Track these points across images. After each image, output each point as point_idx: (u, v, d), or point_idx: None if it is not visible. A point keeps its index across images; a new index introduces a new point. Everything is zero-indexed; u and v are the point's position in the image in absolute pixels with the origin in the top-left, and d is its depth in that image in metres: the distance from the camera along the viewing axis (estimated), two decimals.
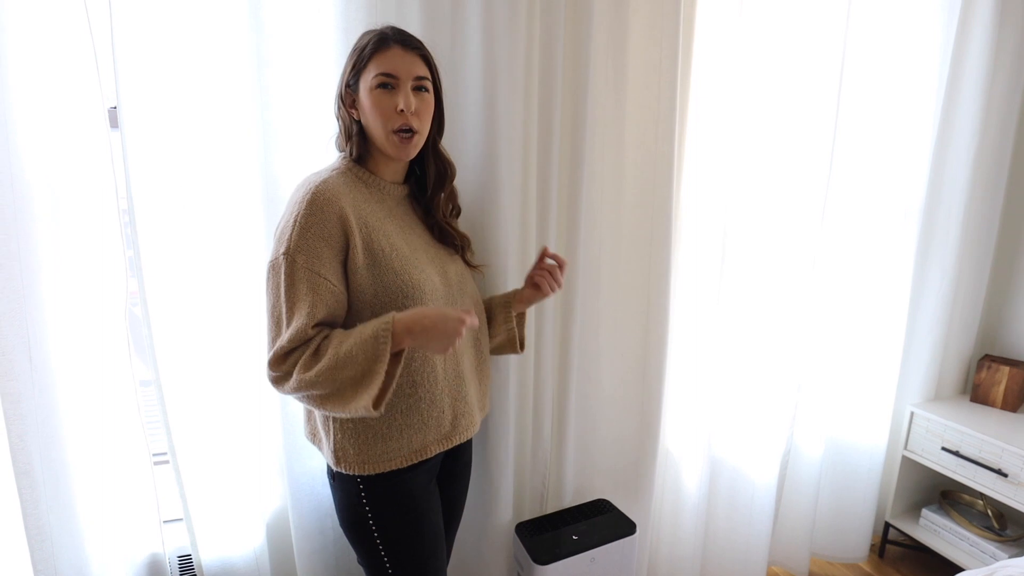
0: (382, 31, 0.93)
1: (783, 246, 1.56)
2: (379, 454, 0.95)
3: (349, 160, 0.97)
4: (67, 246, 1.03)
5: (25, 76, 0.95)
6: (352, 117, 0.96)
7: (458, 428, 1.03)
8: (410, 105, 0.91)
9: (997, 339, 1.94)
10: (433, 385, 0.98)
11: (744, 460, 1.67)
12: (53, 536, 1.08)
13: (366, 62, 0.92)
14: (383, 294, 0.92)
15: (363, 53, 0.92)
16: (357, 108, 0.95)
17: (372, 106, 0.91)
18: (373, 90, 0.91)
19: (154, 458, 1.17)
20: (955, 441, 1.71)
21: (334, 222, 0.88)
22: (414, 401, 0.96)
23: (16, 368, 1.00)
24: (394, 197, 1.01)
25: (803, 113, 1.49)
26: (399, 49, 0.91)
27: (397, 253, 0.94)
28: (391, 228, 0.96)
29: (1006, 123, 1.76)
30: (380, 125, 0.92)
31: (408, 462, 0.97)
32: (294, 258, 0.86)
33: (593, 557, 1.34)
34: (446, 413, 1.00)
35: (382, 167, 0.99)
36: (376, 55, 0.91)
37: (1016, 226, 1.88)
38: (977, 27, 1.62)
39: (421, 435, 0.97)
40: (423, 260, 0.98)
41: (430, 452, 0.99)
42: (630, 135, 1.35)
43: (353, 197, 0.92)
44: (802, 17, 1.44)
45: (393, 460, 0.96)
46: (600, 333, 1.43)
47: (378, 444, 0.95)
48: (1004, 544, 1.70)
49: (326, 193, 0.88)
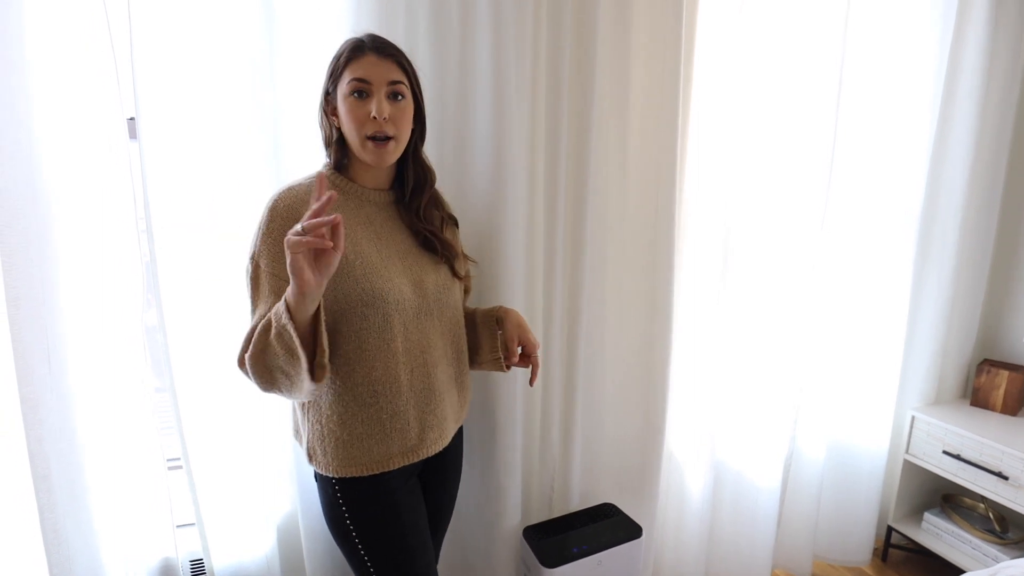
0: (358, 38, 0.94)
1: (784, 252, 1.58)
2: (343, 458, 0.96)
3: (328, 167, 0.99)
4: (85, 253, 1.06)
5: (47, 88, 0.98)
6: (332, 125, 0.97)
7: (425, 441, 1.01)
8: (383, 111, 0.91)
9: (996, 344, 1.97)
10: (396, 396, 0.96)
11: (747, 464, 1.69)
12: (69, 540, 1.09)
13: (342, 70, 0.93)
14: (342, 300, 0.92)
15: (339, 61, 0.93)
16: (336, 116, 0.96)
17: (346, 112, 0.93)
18: (347, 97, 0.92)
19: (167, 463, 1.19)
20: (956, 445, 1.73)
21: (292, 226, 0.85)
22: (375, 411, 0.96)
23: (35, 373, 1.02)
24: (374, 204, 1.01)
25: (803, 121, 1.52)
26: (373, 56, 0.92)
27: (362, 261, 0.94)
28: (361, 235, 0.96)
29: (1002, 130, 1.79)
30: (354, 131, 0.93)
31: (370, 471, 0.96)
32: (258, 262, 0.91)
33: (600, 560, 1.35)
34: (411, 425, 0.99)
35: (363, 174, 1.00)
36: (351, 63, 0.92)
37: (1013, 231, 1.90)
38: (972, 34, 1.65)
39: (383, 446, 0.97)
40: (395, 270, 0.97)
41: (393, 464, 0.98)
42: (634, 143, 1.38)
43: None
44: (801, 29, 1.48)
45: (355, 467, 0.96)
46: (605, 339, 1.45)
47: (341, 449, 0.96)
48: (1006, 547, 1.71)
49: (287, 200, 0.92)
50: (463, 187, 1.25)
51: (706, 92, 1.46)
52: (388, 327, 0.95)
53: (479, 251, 1.25)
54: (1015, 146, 1.85)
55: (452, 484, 1.19)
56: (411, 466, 1.04)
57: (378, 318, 0.94)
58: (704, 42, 1.43)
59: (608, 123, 1.33)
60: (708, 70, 1.45)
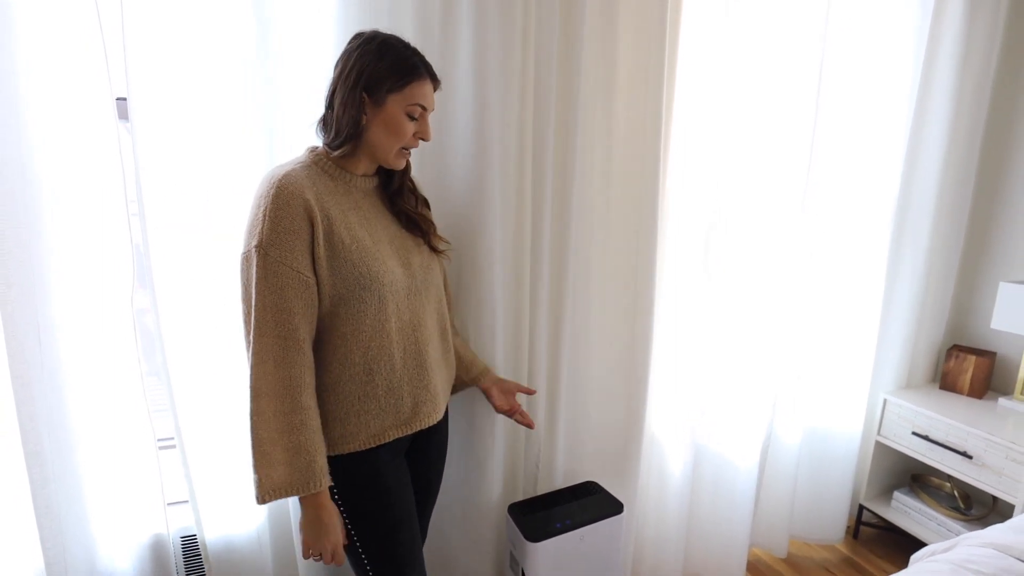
0: (415, 57, 0.97)
1: (764, 242, 1.63)
2: (337, 436, 0.99)
3: (319, 154, 0.99)
4: (75, 234, 1.07)
5: (35, 66, 0.98)
6: (357, 120, 0.96)
7: (419, 415, 1.06)
8: (428, 136, 1.01)
9: (965, 330, 2.04)
10: (390, 372, 1.00)
11: (727, 446, 1.74)
12: (61, 515, 1.11)
13: (402, 86, 0.95)
14: (340, 285, 0.95)
15: (404, 76, 0.95)
16: (367, 113, 0.96)
17: (397, 127, 0.97)
18: (403, 114, 0.96)
19: (159, 443, 1.21)
20: (925, 426, 1.80)
21: (300, 213, 0.90)
22: (371, 388, 0.99)
23: (26, 352, 1.03)
24: (361, 189, 1.03)
25: (784, 113, 1.57)
26: (430, 85, 0.99)
27: (358, 245, 0.96)
28: (354, 220, 0.98)
29: (974, 125, 1.85)
30: (394, 143, 0.98)
31: (366, 445, 1.00)
32: (267, 251, 0.89)
33: (582, 535, 1.40)
34: (405, 400, 1.03)
35: (357, 164, 1.02)
36: (412, 83, 0.96)
37: (983, 224, 1.98)
38: (948, 27, 1.71)
39: (379, 420, 1.01)
40: (386, 252, 1.01)
41: (388, 437, 1.02)
42: (618, 132, 1.41)
43: (316, 189, 0.94)
44: (784, 23, 1.51)
45: (350, 443, 1.00)
46: (589, 323, 1.48)
47: (336, 426, 0.99)
48: (969, 523, 1.80)
49: (290, 186, 0.91)
50: (443, 174, 1.27)
51: (690, 83, 1.49)
52: (383, 308, 0.98)
53: (462, 236, 1.27)
54: (987, 139, 1.91)
55: (438, 462, 1.23)
56: (400, 443, 1.07)
57: (374, 300, 0.97)
58: (689, 34, 1.46)
59: (593, 114, 1.36)
60: (692, 61, 1.48)
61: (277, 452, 0.92)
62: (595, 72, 1.34)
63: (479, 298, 1.32)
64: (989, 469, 1.65)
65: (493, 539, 1.48)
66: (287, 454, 0.92)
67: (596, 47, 1.32)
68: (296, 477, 0.92)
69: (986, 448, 1.65)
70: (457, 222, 1.28)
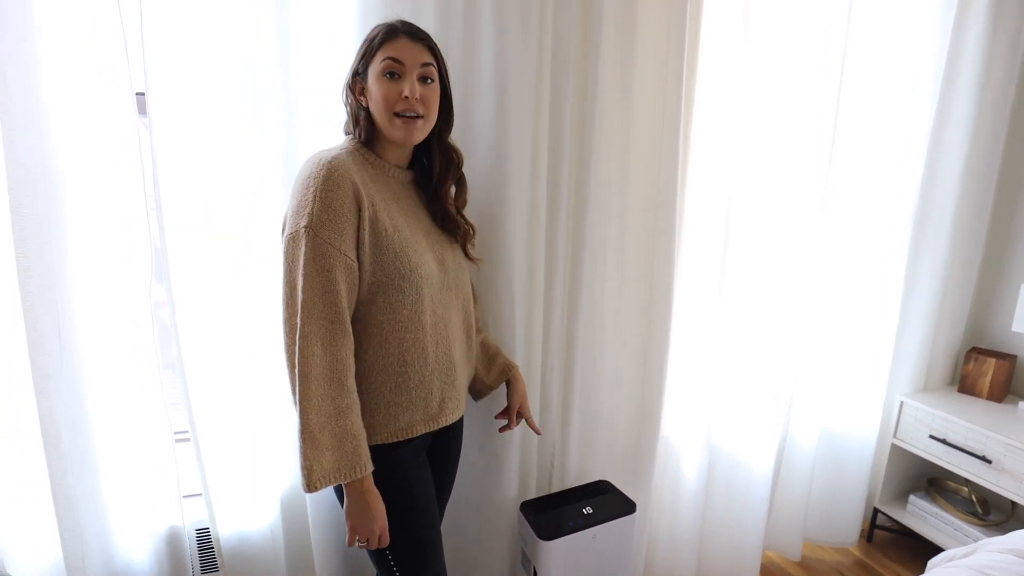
0: (392, 23, 0.98)
1: (783, 242, 1.61)
2: (366, 427, 0.97)
3: (357, 142, 1.00)
4: (94, 227, 1.07)
5: (56, 58, 0.98)
6: (360, 104, 1.00)
7: (445, 411, 1.06)
8: (415, 92, 0.95)
9: (984, 332, 2.01)
10: (423, 367, 1.01)
11: (742, 448, 1.73)
12: (79, 506, 1.12)
13: (375, 51, 0.96)
14: (380, 272, 0.95)
15: (373, 43, 0.97)
16: (365, 95, 0.99)
17: (378, 91, 0.95)
18: (380, 76, 0.95)
19: (175, 436, 1.22)
20: (942, 429, 1.78)
21: (350, 196, 0.91)
22: (403, 380, 1.00)
23: (46, 344, 1.04)
24: (399, 180, 1.04)
25: (804, 112, 1.54)
26: (406, 39, 0.96)
27: (399, 234, 0.97)
28: (395, 209, 0.99)
29: (997, 124, 1.82)
30: (384, 109, 0.96)
31: (394, 438, 1.00)
32: (317, 232, 0.88)
33: (594, 534, 1.39)
34: (434, 395, 1.03)
35: (387, 151, 1.02)
36: (385, 44, 0.95)
37: (1004, 224, 1.94)
38: (972, 24, 1.67)
39: (408, 414, 1.01)
40: (423, 245, 1.01)
41: (416, 431, 1.02)
42: (637, 129, 1.39)
43: (362, 175, 0.95)
44: (805, 20, 1.49)
45: (379, 435, 0.99)
46: (605, 322, 1.47)
47: (365, 417, 0.98)
48: (987, 528, 1.77)
49: (340, 168, 0.91)
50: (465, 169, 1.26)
51: (709, 80, 1.47)
52: (420, 300, 0.98)
53: (480, 232, 1.27)
54: (1010, 139, 1.88)
55: (455, 459, 1.23)
56: (424, 439, 1.07)
57: (412, 291, 0.97)
58: (709, 30, 1.44)
59: (612, 110, 1.34)
60: (712, 58, 1.46)
61: (325, 438, 0.90)
62: (613, 73, 1.32)
63: (496, 295, 1.32)
64: (1008, 474, 1.62)
65: (509, 536, 1.47)
66: (335, 440, 0.91)
67: (614, 49, 1.31)
68: (344, 463, 0.91)
69: (1006, 452, 1.63)
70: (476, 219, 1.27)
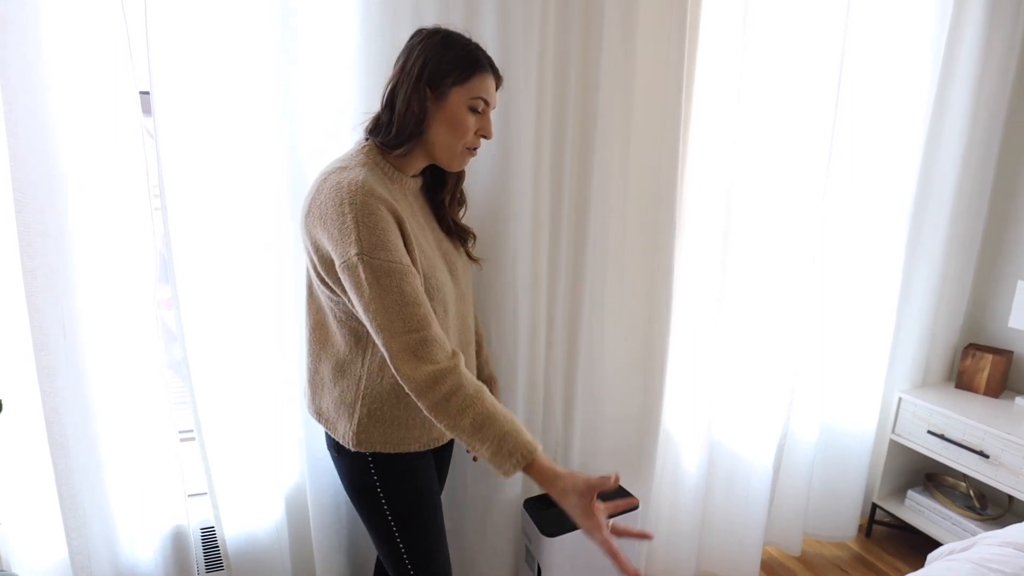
0: (478, 51, 0.94)
1: (783, 239, 1.62)
2: (399, 439, 0.99)
3: (375, 152, 0.94)
4: (99, 226, 1.07)
5: (60, 57, 0.98)
6: (417, 115, 0.92)
7: None
8: (491, 134, 0.97)
9: (981, 329, 2.03)
10: None
11: (742, 444, 1.74)
12: (84, 506, 1.12)
13: (466, 79, 0.92)
14: None
15: (466, 69, 0.92)
16: (429, 110, 0.92)
17: (460, 122, 0.93)
18: (466, 109, 0.93)
19: (180, 435, 1.22)
20: (940, 425, 1.79)
21: (387, 213, 0.87)
22: None
23: (52, 343, 1.04)
24: (412, 191, 1.01)
25: (803, 112, 1.55)
26: (492, 79, 0.96)
27: (423, 253, 0.93)
28: (415, 226, 0.95)
29: (993, 123, 1.83)
30: (456, 140, 0.94)
31: (423, 447, 1.01)
32: (371, 256, 0.83)
33: None
34: None
35: (408, 163, 0.97)
36: (475, 76, 0.93)
37: (1000, 221, 1.96)
38: (969, 25, 1.69)
39: (431, 424, 1.01)
40: (439, 259, 0.99)
41: (443, 440, 1.04)
42: (637, 130, 1.40)
43: (384, 193, 0.89)
44: (803, 20, 1.50)
45: (411, 445, 1.00)
46: (606, 320, 1.48)
47: (400, 431, 0.98)
48: (985, 523, 1.79)
49: (368, 188, 0.86)
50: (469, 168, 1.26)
51: (709, 81, 1.48)
52: (446, 316, 0.97)
53: (482, 231, 1.27)
54: (1005, 140, 1.89)
55: (449, 462, 1.25)
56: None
57: (440, 308, 0.95)
58: (708, 32, 1.45)
59: (613, 111, 1.35)
60: (712, 59, 1.46)
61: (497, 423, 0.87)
62: (615, 70, 1.33)
63: (499, 292, 1.32)
64: (1006, 469, 1.64)
65: (512, 532, 1.48)
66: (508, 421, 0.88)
67: (615, 47, 1.31)
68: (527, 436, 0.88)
69: (1003, 448, 1.64)
70: (479, 218, 1.27)
